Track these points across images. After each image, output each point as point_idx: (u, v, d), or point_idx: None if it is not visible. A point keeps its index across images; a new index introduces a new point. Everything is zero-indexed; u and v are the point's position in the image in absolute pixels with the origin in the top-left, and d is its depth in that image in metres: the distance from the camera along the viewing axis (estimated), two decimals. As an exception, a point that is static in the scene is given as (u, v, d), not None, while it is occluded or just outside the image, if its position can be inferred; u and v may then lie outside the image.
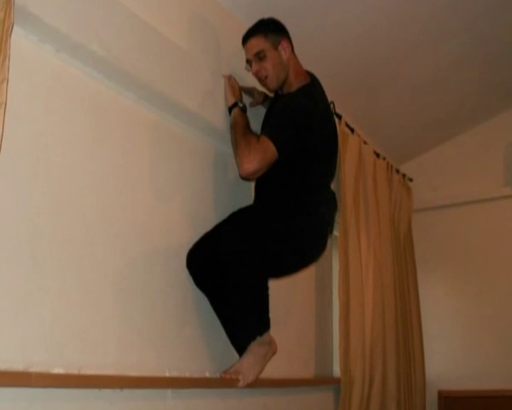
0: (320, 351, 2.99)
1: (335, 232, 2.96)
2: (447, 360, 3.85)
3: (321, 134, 2.09)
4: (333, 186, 2.31)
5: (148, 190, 1.95)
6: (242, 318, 1.98)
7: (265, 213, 2.05)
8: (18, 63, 1.50)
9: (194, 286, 2.04)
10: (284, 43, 2.13)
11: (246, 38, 2.15)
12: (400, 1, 2.69)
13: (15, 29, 1.47)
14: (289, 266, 2.17)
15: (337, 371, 2.97)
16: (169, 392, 1.86)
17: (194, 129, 2.17)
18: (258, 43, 2.11)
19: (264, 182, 2.14)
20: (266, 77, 2.14)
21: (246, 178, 2.17)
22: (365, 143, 3.33)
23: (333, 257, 3.23)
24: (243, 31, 2.17)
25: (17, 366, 1.42)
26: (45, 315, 1.52)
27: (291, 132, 1.98)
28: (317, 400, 2.86)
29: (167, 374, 1.89)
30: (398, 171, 3.85)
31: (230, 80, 2.23)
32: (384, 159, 3.60)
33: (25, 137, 1.54)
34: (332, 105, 2.58)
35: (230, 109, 2.14)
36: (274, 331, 2.05)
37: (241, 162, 1.92)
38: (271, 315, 2.02)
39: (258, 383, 2.06)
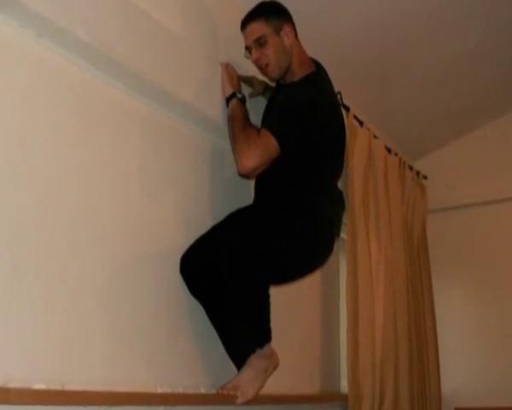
0: (326, 364, 2.99)
1: (343, 235, 2.95)
2: (465, 374, 3.84)
3: (327, 127, 2.09)
4: (340, 184, 2.31)
5: (138, 189, 1.95)
6: (241, 328, 1.98)
7: (266, 214, 2.05)
8: (-4, 50, 1.50)
9: (189, 294, 2.04)
10: (287, 29, 2.13)
11: (245, 23, 2.15)
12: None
13: (-7, 13, 1.47)
14: (292, 271, 2.17)
15: (345, 386, 2.97)
16: (161, 409, 1.86)
17: (188, 122, 2.17)
18: (258, 28, 2.11)
19: (265, 180, 2.13)
20: (267, 65, 2.14)
21: (245, 176, 2.17)
22: (375, 137, 3.33)
23: (340, 262, 3.23)
24: (242, 14, 2.17)
25: (-5, 381, 1.41)
26: (25, 325, 1.52)
27: (294, 126, 1.98)
28: (323, 417, 2.87)
29: (159, 390, 1.89)
30: (411, 168, 3.85)
31: (228, 69, 2.23)
32: (396, 155, 3.60)
33: (4, 131, 1.53)
34: (339, 96, 2.58)
35: (228, 100, 2.15)
36: (275, 343, 2.05)
37: (240, 158, 1.92)
38: (273, 325, 2.02)
39: (258, 400, 2.06)
